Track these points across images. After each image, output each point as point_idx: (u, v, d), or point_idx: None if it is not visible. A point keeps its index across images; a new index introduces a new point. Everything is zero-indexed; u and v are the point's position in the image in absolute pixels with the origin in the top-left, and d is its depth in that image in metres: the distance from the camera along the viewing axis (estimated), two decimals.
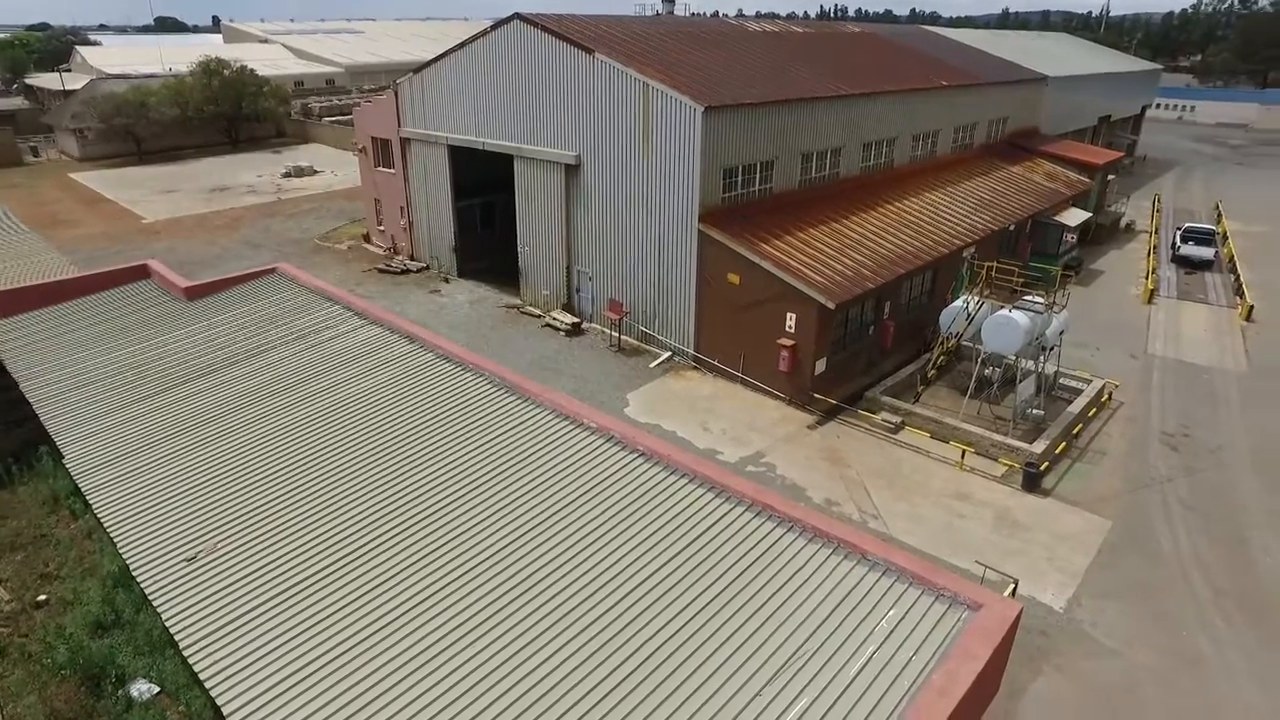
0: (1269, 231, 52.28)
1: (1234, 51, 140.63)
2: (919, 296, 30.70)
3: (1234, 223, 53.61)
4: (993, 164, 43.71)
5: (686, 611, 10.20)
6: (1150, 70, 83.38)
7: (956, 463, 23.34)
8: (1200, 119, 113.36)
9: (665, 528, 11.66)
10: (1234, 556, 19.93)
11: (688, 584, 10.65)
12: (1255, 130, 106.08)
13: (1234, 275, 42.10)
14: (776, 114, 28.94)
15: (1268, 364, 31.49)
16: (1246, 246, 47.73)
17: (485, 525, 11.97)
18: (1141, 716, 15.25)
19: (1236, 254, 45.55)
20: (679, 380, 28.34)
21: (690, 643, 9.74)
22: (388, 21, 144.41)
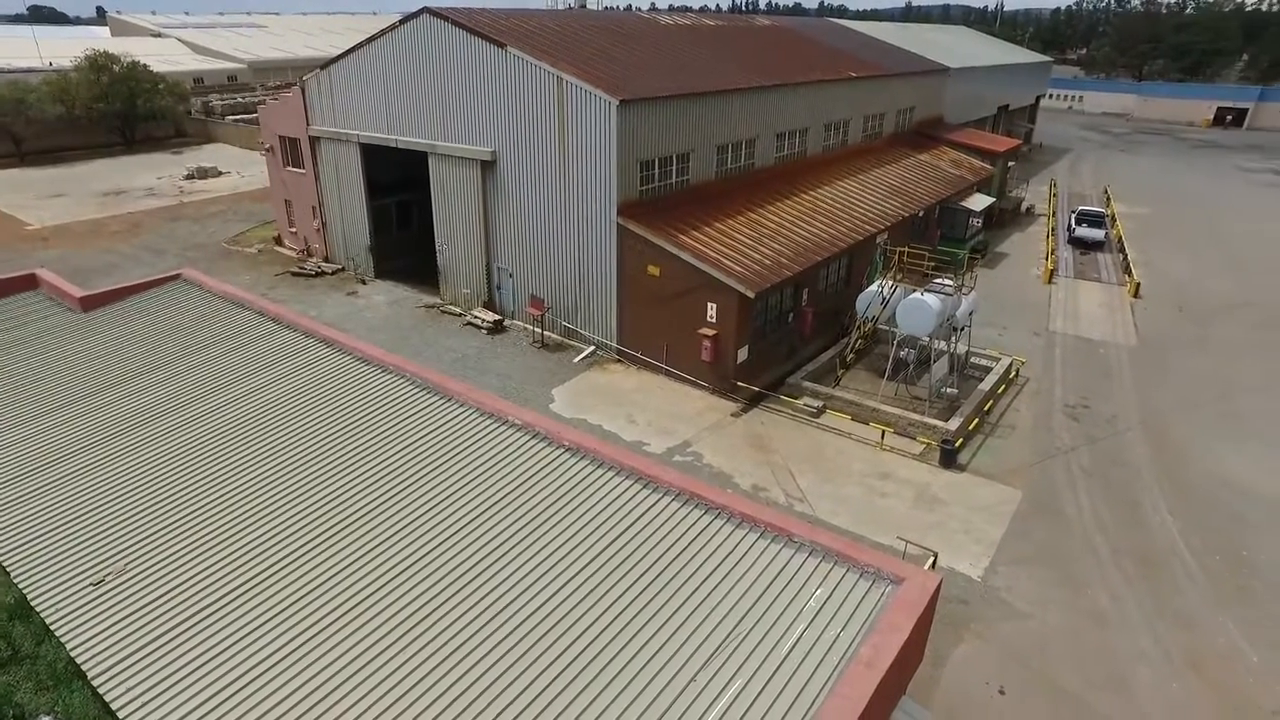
0: (1151, 213, 55.58)
1: (1113, 46, 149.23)
2: (835, 283, 31.49)
3: (1121, 205, 56.81)
4: (901, 152, 45.12)
5: (620, 602, 10.26)
6: (1042, 62, 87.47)
7: (877, 443, 24.08)
8: (1088, 108, 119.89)
9: (594, 521, 11.69)
10: (1129, 517, 21.19)
11: (620, 575, 10.71)
12: (1135, 119, 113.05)
13: (1123, 255, 44.63)
14: (691, 106, 29.20)
15: (1153, 337, 33.53)
16: (1132, 228, 50.66)
17: (412, 528, 11.76)
18: (1053, 673, 16.08)
19: (1124, 235, 48.30)
20: (603, 374, 28.37)
21: (625, 633, 9.80)
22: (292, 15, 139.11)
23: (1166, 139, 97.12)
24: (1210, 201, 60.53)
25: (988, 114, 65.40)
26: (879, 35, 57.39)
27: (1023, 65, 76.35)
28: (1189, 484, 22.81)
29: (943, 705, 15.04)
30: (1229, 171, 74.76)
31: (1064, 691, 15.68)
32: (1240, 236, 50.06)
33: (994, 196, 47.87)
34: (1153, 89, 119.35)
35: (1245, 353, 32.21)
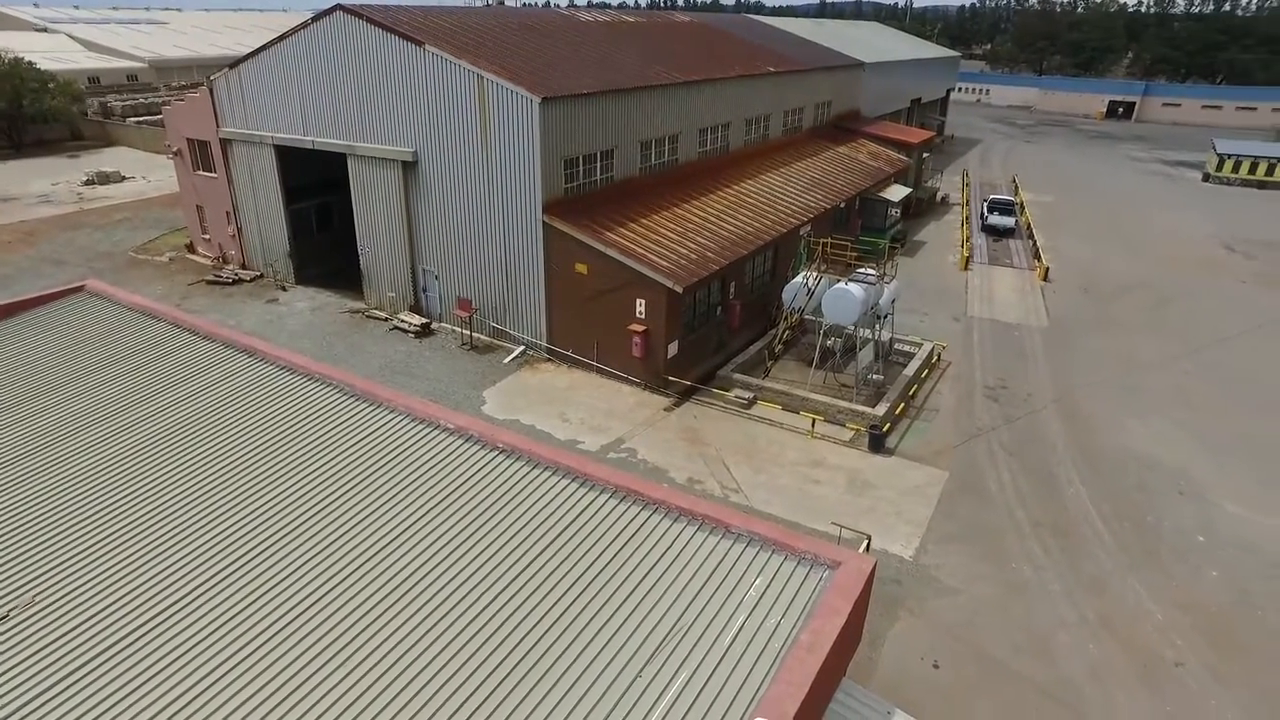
0: (1055, 201, 58.24)
1: (1014, 42, 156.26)
2: (762, 275, 31.98)
3: (1029, 194, 59.31)
4: (821, 145, 46.07)
5: (562, 602, 10.22)
6: (951, 57, 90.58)
7: (808, 432, 24.57)
8: (994, 101, 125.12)
9: (532, 522, 11.60)
10: (1046, 491, 22.19)
11: (561, 575, 10.66)
12: (1038, 111, 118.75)
13: (1032, 241, 46.62)
14: (614, 103, 29.21)
15: (1062, 319, 35.17)
16: (1039, 215, 52.97)
17: (348, 539, 11.46)
18: (982, 644, 16.72)
19: (1032, 222, 50.47)
20: (534, 374, 28.18)
21: (569, 632, 9.77)
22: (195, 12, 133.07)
23: (1066, 130, 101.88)
24: (1107, 189, 63.80)
25: (902, 107, 67.33)
26: (795, 31, 58.45)
27: (933, 60, 78.87)
28: (1098, 456, 24.00)
29: (882, 683, 15.47)
30: (1122, 161, 78.93)
31: (993, 660, 16.33)
32: (1134, 222, 52.90)
33: (911, 187, 49.33)
34: (1052, 83, 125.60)
35: (1143, 331, 34.07)
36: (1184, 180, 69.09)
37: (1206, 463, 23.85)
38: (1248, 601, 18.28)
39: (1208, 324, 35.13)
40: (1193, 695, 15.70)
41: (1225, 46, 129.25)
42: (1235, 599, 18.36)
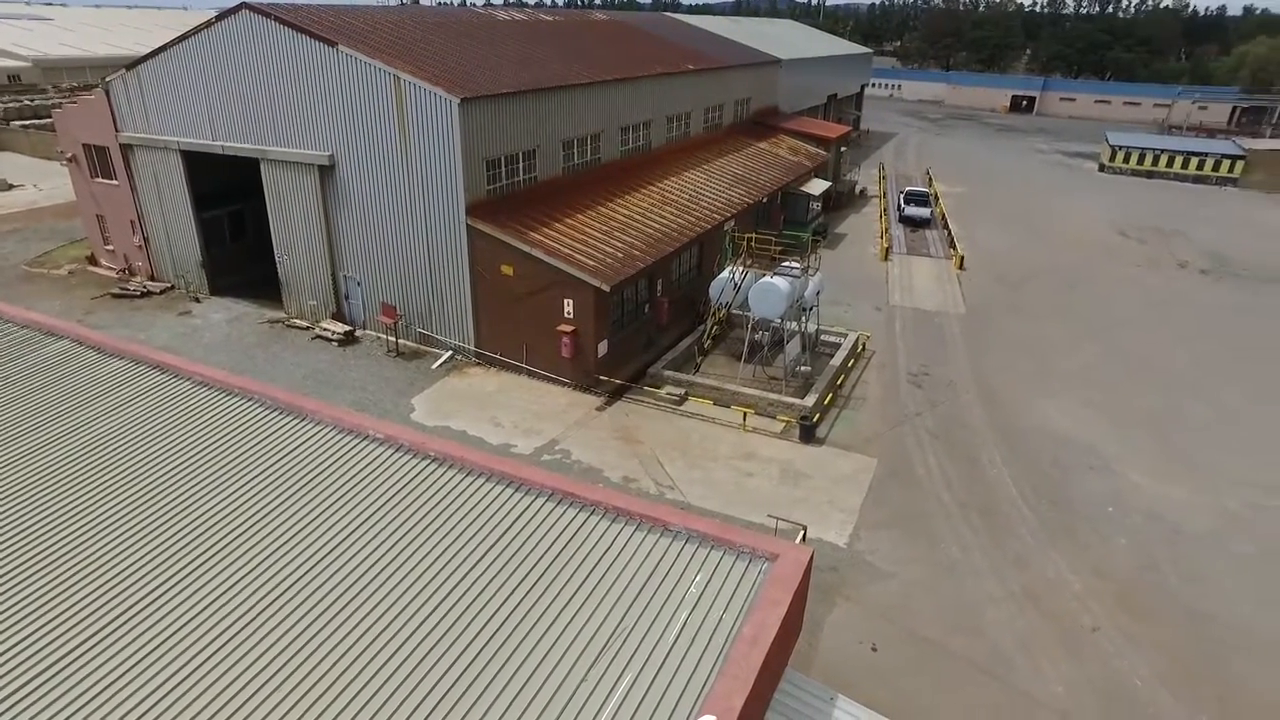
0: (967, 191, 60.44)
1: (923, 39, 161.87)
2: (688, 271, 32.21)
3: (942, 185, 61.37)
4: (742, 141, 46.65)
5: (503, 609, 10.07)
6: (864, 54, 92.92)
7: (740, 425, 24.86)
8: (906, 96, 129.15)
9: (469, 530, 11.40)
10: (970, 473, 23.00)
11: (500, 582, 10.50)
12: (947, 106, 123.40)
13: (947, 231, 48.25)
14: (534, 102, 28.95)
15: (979, 305, 36.51)
16: (953, 205, 54.86)
17: (281, 554, 11.04)
18: (916, 625, 17.21)
19: (947, 212, 52.22)
20: (463, 379, 27.74)
21: (512, 639, 9.63)
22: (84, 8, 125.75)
23: (974, 123, 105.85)
24: (1014, 179, 66.59)
25: (819, 103, 68.73)
26: (713, 29, 59.03)
27: (847, 56, 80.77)
28: (1016, 437, 24.99)
29: (823, 670, 15.76)
30: (1027, 152, 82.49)
31: (927, 640, 16.82)
32: (1039, 210, 55.34)
33: (830, 181, 50.44)
34: (960, 78, 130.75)
35: (1052, 314, 35.66)
36: (1081, 170, 72.59)
37: (1113, 438, 25.10)
38: (1153, 566, 19.32)
39: (1108, 307, 36.99)
40: (1108, 657, 16.50)
41: (1110, 46, 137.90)
42: (1142, 564, 19.38)
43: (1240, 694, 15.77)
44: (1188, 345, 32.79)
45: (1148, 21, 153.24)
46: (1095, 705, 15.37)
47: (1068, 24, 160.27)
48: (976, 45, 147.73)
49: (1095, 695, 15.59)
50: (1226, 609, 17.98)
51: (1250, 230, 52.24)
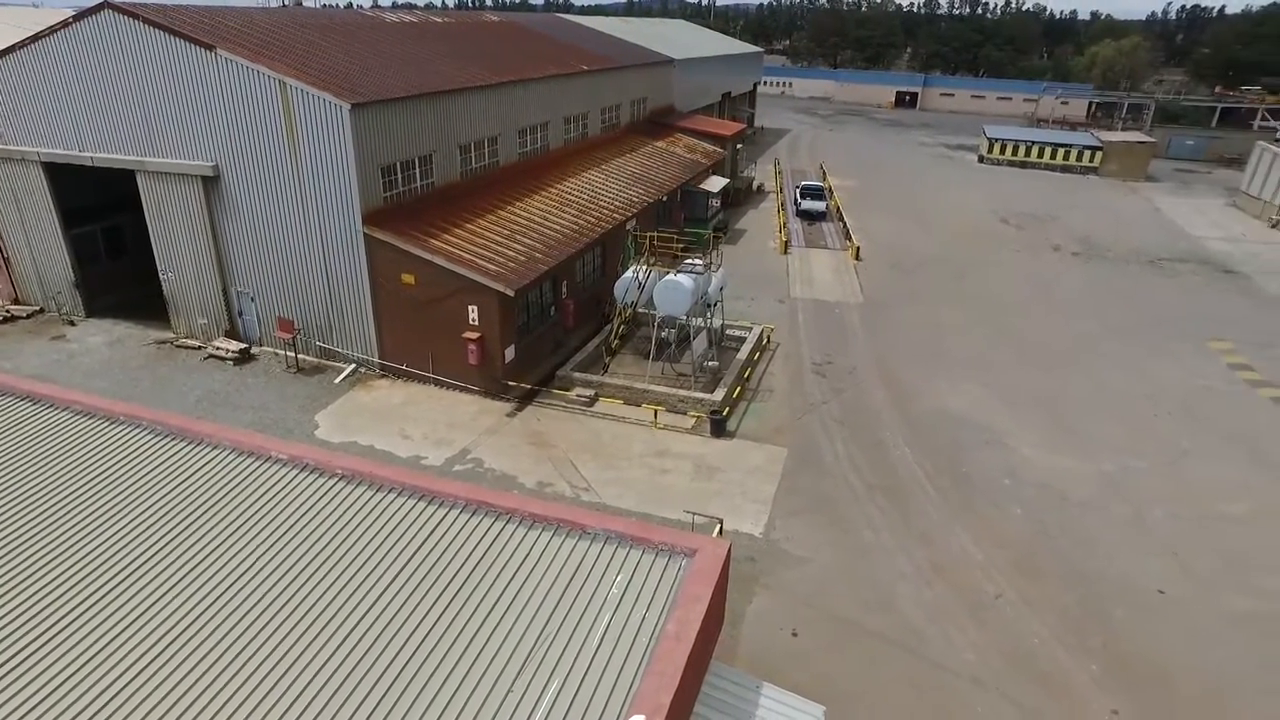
0: (859, 184, 62.65)
1: (810, 38, 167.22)
2: (592, 272, 32.21)
3: (835, 179, 63.39)
4: (640, 141, 46.95)
5: (423, 625, 9.83)
6: (755, 52, 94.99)
7: (651, 423, 25.02)
8: (797, 94, 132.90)
9: (382, 547, 11.07)
10: (876, 456, 23.84)
11: (417, 598, 10.24)
12: (836, 102, 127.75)
13: (843, 223, 49.85)
14: (429, 106, 28.35)
15: (876, 294, 37.89)
16: (846, 198, 56.77)
17: (188, 583, 10.44)
18: (833, 607, 17.72)
19: (841, 205, 53.98)
20: (368, 392, 26.94)
21: (434, 655, 9.41)
22: None
23: (862, 119, 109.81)
24: (902, 172, 69.43)
25: (713, 101, 69.85)
26: (606, 30, 59.17)
27: (739, 55, 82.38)
28: (917, 419, 26.05)
29: (747, 658, 16.04)
30: (912, 146, 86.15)
31: (844, 620, 17.35)
32: (927, 200, 57.90)
33: (728, 178, 51.35)
34: (847, 76, 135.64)
35: (944, 300, 37.35)
36: (963, 162, 76.32)
37: (1005, 415, 26.49)
38: (1045, 532, 20.50)
39: (995, 291, 39.02)
40: (1010, 621, 17.41)
41: (982, 44, 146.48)
42: (1036, 531, 20.54)
43: (1121, 641, 16.93)
44: (1065, 323, 34.93)
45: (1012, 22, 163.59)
46: (1001, 667, 16.19)
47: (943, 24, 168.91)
48: (861, 44, 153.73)
49: (1001, 658, 16.42)
50: (1109, 566, 19.26)
51: (1110, 215, 56.09)
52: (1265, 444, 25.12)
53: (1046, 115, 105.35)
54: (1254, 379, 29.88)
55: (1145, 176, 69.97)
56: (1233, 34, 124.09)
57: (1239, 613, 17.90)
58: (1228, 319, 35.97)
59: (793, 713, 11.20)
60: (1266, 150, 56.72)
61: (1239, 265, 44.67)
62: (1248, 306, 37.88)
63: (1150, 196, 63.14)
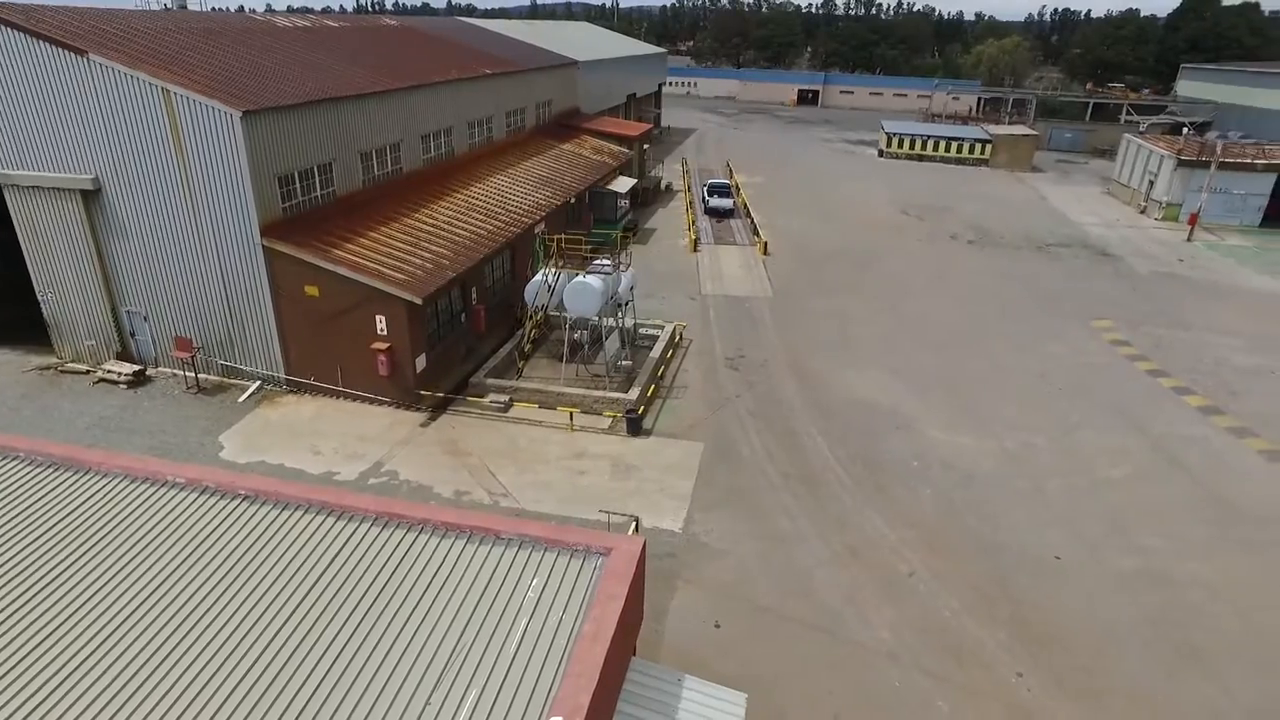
0: (765, 181, 63.96)
1: (713, 38, 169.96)
2: (502, 277, 31.93)
3: (742, 176, 64.55)
4: (546, 144, 46.77)
5: (337, 641, 9.61)
6: (659, 53, 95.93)
7: (567, 425, 24.98)
8: (702, 94, 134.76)
9: (290, 565, 10.76)
10: (790, 445, 24.42)
11: (331, 613, 10.00)
12: (740, 101, 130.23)
13: (750, 219, 50.83)
14: (326, 113, 27.57)
15: (785, 287, 38.79)
16: (753, 194, 57.87)
17: (81, 617, 9.89)
18: (754, 596, 18.07)
19: (748, 201, 55.00)
20: (275, 409, 26.03)
21: (350, 671, 9.22)
22: None
23: (766, 117, 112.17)
24: (806, 167, 71.25)
25: (619, 102, 70.19)
26: (509, 33, 58.75)
27: (643, 57, 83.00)
28: (829, 407, 26.80)
29: (670, 654, 16.21)
30: (815, 142, 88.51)
31: (765, 608, 17.71)
32: (831, 195, 59.61)
33: (636, 178, 51.68)
34: (750, 75, 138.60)
35: (850, 290, 38.54)
36: (864, 157, 78.86)
37: (911, 399, 27.53)
38: (953, 509, 21.41)
39: (897, 279, 40.49)
40: (923, 597, 18.12)
41: (877, 43, 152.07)
42: (944, 509, 21.43)
43: (1024, 608, 17.84)
44: (964, 308, 36.53)
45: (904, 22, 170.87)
46: (916, 642, 16.83)
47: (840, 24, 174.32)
48: (762, 44, 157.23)
49: (916, 633, 17.07)
50: (1012, 537, 20.26)
51: (1001, 204, 58.95)
52: (1141, 413, 26.87)
53: (940, 110, 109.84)
54: (1131, 354, 31.91)
55: (1031, 167, 73.81)
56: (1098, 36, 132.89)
57: (1124, 571, 19.11)
58: (1107, 299, 38.30)
59: (715, 703, 11.41)
60: (1132, 142, 60.68)
61: (1114, 248, 47.61)
62: (1123, 287, 40.40)
63: (1036, 186, 66.59)
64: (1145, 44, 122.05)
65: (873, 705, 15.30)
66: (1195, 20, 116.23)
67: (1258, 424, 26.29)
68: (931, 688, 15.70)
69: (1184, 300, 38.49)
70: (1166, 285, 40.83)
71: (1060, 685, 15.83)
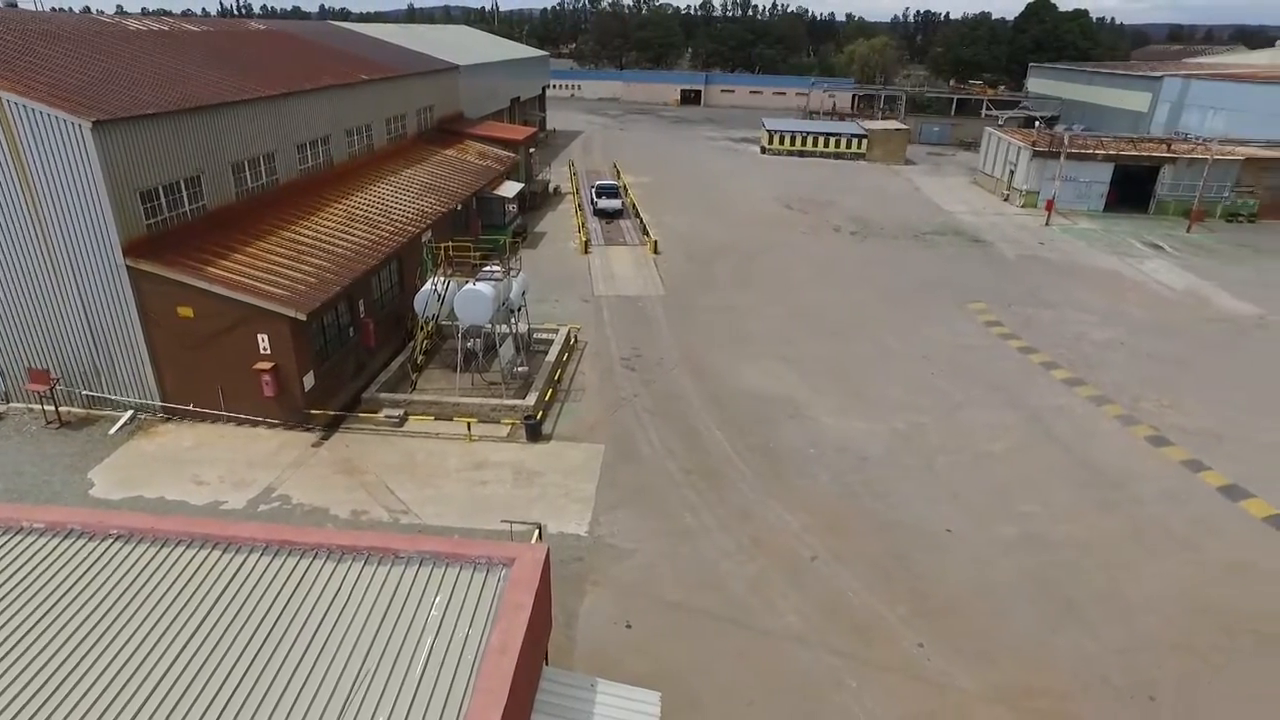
0: (652, 180, 64.64)
1: (595, 40, 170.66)
2: (390, 289, 31.04)
3: (629, 176, 64.99)
4: (429, 150, 45.76)
5: (231, 678, 9.08)
6: (542, 56, 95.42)
7: (465, 436, 24.51)
8: (586, 95, 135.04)
9: (175, 604, 10.10)
10: (690, 441, 24.73)
11: (221, 651, 9.44)
12: (624, 102, 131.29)
13: (639, 219, 51.22)
14: (192, 123, 26.04)
15: (676, 285, 39.29)
16: (641, 194, 58.38)
17: None
18: (663, 593, 18.19)
19: (636, 201, 55.44)
20: (152, 439, 24.43)
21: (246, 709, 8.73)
22: None
23: (651, 117, 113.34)
24: (691, 166, 72.41)
25: (502, 106, 69.42)
26: (385, 37, 57.12)
27: (526, 60, 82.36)
28: (725, 401, 27.29)
29: (584, 658, 16.12)
30: (699, 140, 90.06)
31: (675, 604, 17.85)
32: (717, 192, 60.81)
33: (523, 182, 51.21)
34: (634, 76, 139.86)
35: (740, 285, 39.41)
36: (747, 154, 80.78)
37: (803, 387, 28.37)
38: (850, 492, 22.20)
39: (784, 272, 41.67)
40: (826, 579, 18.70)
41: (755, 43, 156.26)
42: (842, 492, 22.18)
43: (921, 581, 18.68)
44: (849, 297, 37.94)
45: (780, 23, 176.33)
46: (823, 624, 17.33)
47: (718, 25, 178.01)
48: (644, 45, 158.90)
49: (822, 615, 17.58)
50: (906, 514, 21.17)
51: (879, 196, 61.62)
52: (1016, 388, 28.61)
53: (817, 107, 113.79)
54: (1004, 333, 33.93)
55: (905, 160, 77.43)
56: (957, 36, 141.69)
57: (1008, 538, 20.30)
58: (980, 283, 40.59)
59: (629, 704, 11.42)
60: (993, 135, 64.64)
61: (984, 234, 50.52)
62: (993, 271, 42.92)
63: (910, 178, 69.90)
64: (998, 44, 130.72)
65: (785, 689, 15.66)
66: (1037, 24, 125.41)
67: (1113, 392, 28.42)
68: (840, 666, 16.21)
69: (1046, 281, 41.21)
70: (1031, 267, 43.61)
71: (959, 651, 16.64)
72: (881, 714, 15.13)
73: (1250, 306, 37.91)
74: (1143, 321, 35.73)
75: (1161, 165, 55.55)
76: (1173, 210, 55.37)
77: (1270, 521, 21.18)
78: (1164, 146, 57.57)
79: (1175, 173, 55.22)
